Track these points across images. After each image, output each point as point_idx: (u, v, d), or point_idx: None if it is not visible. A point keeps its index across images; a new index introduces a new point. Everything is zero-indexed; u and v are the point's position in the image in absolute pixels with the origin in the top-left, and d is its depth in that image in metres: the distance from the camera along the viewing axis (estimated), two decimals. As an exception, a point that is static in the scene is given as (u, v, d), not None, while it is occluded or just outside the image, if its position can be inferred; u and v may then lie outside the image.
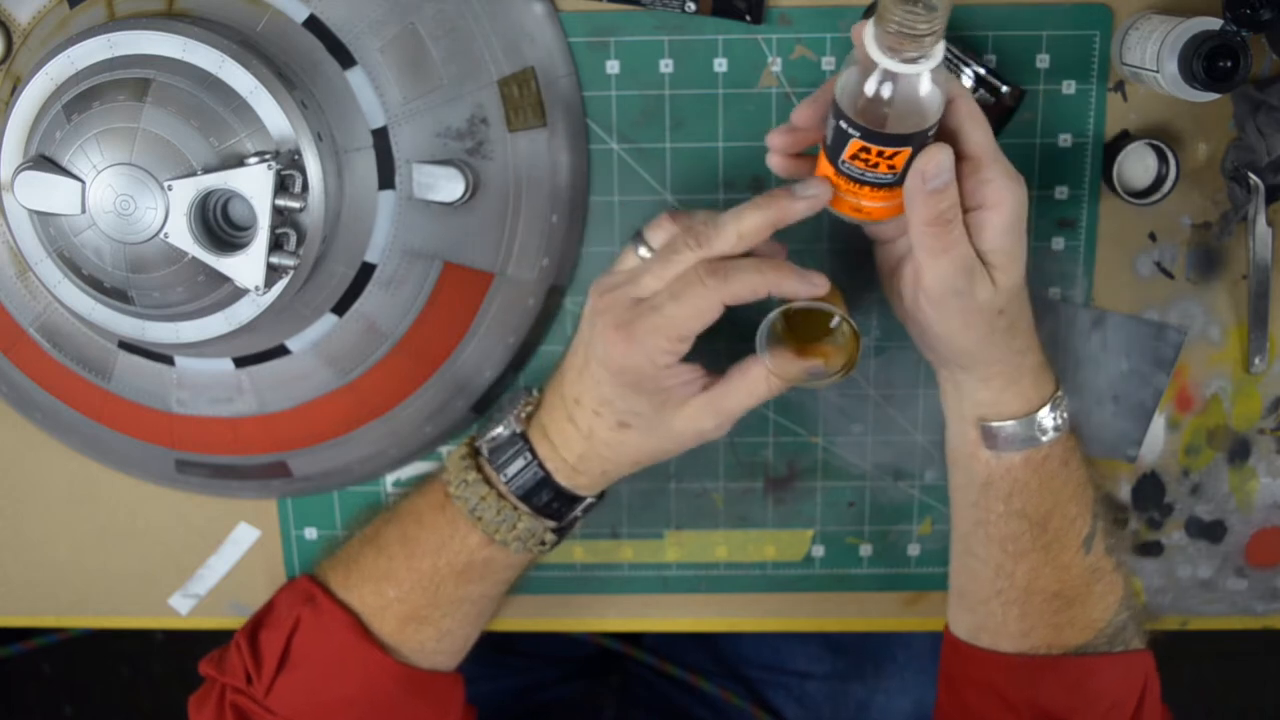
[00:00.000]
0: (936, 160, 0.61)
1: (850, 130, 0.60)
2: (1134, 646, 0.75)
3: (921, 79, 0.58)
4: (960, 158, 0.63)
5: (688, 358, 0.67)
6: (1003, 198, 0.63)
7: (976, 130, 0.63)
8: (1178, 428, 0.83)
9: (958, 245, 0.63)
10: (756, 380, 0.68)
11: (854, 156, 0.61)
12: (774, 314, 0.66)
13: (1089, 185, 0.78)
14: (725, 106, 0.77)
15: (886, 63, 0.58)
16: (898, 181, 0.62)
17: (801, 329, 0.70)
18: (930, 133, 0.61)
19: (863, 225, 0.67)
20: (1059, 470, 0.71)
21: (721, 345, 0.69)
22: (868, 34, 0.58)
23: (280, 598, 0.80)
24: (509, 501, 0.73)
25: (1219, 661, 1.64)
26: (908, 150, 0.61)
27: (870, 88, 0.59)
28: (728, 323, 0.66)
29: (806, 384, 0.68)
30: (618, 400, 0.69)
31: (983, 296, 0.64)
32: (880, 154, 0.60)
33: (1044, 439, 0.70)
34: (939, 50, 0.58)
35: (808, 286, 0.65)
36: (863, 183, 0.62)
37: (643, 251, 0.68)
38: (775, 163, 0.67)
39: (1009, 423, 0.69)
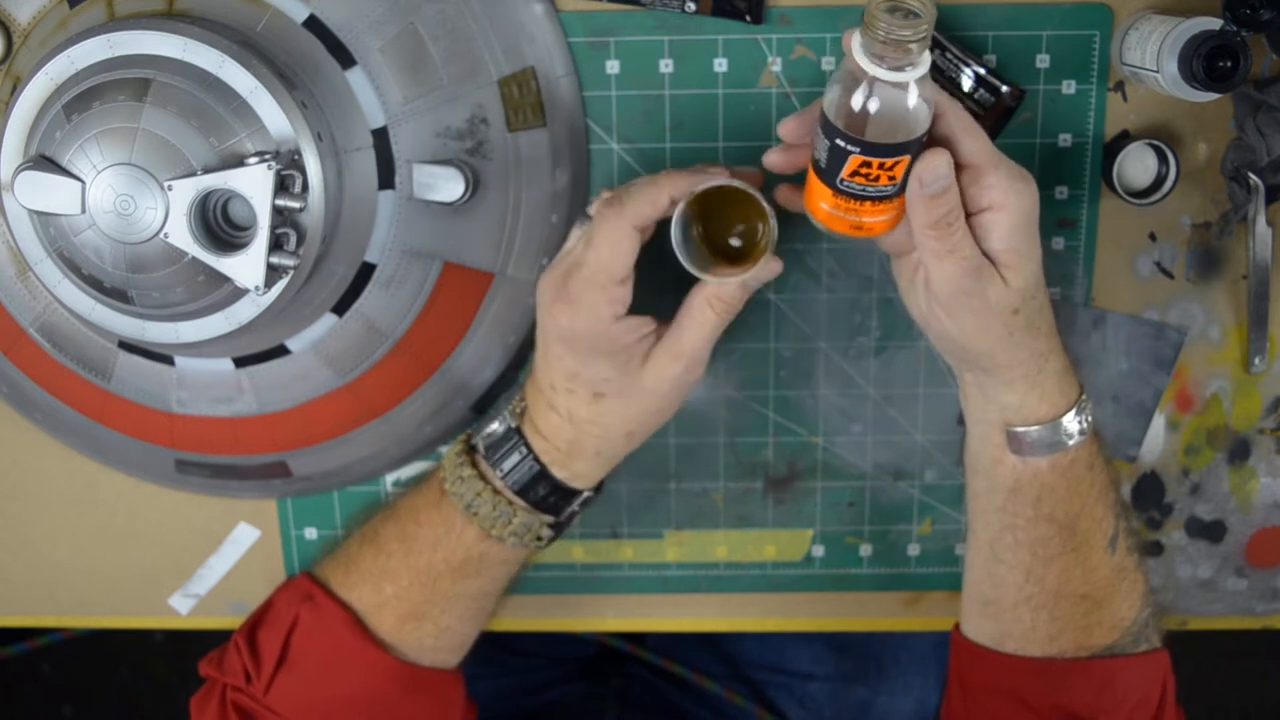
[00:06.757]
0: (933, 165, 0.61)
1: (849, 147, 0.60)
2: (1155, 644, 0.76)
3: (910, 87, 0.59)
4: (959, 167, 0.63)
5: (641, 312, 0.68)
6: (1008, 199, 0.63)
7: (970, 139, 0.63)
8: (1178, 428, 0.83)
9: (961, 247, 0.63)
10: (701, 308, 0.68)
11: (854, 173, 0.61)
12: (680, 205, 0.65)
13: (1089, 185, 0.78)
14: (725, 106, 0.77)
15: (876, 71, 0.58)
16: (898, 192, 0.62)
17: (726, 244, 0.69)
18: (924, 139, 0.61)
19: (863, 242, 0.67)
20: (1085, 474, 0.71)
21: (671, 300, 0.69)
22: (855, 44, 0.58)
23: (278, 596, 0.80)
24: (504, 497, 0.73)
25: (1219, 661, 1.64)
26: (907, 158, 0.61)
27: (859, 99, 0.59)
28: (675, 278, 0.65)
29: (744, 283, 0.67)
30: (583, 370, 0.69)
31: (994, 296, 0.64)
32: (881, 165, 0.61)
33: (1070, 443, 0.69)
34: (926, 58, 0.58)
35: (707, 177, 0.66)
36: (864, 198, 0.63)
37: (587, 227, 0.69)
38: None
39: (1035, 428, 0.69)
